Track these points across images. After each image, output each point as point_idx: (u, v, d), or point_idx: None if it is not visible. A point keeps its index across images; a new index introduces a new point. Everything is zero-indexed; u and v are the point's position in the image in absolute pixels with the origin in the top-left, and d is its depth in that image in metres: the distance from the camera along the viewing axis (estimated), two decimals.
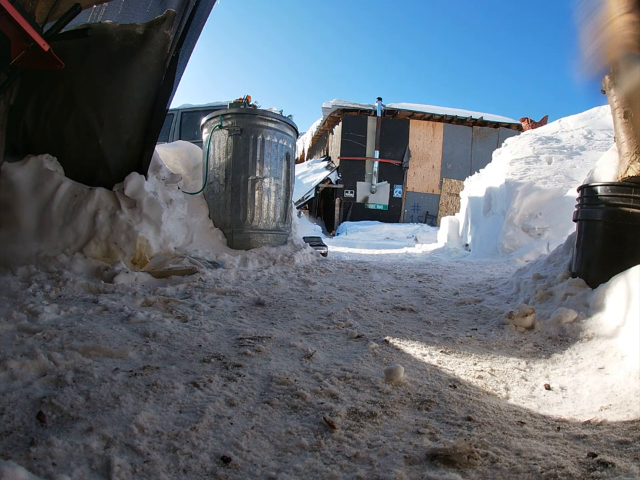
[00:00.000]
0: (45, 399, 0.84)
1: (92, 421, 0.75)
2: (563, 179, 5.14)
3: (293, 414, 0.86)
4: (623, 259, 1.69)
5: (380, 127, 13.55)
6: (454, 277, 3.60)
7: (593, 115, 6.65)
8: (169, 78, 2.72)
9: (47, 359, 1.07)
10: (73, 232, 2.71)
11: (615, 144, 1.99)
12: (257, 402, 0.91)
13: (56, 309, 1.72)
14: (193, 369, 1.08)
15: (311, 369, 1.15)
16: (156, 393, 0.90)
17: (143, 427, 0.73)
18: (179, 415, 0.80)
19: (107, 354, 1.19)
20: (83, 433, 0.71)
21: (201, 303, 2.02)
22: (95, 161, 2.73)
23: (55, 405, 0.81)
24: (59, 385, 0.94)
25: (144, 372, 1.03)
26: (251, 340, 1.44)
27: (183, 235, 3.42)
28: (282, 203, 3.94)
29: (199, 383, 0.97)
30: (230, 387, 0.97)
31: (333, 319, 1.91)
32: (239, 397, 0.92)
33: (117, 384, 0.93)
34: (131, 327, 1.51)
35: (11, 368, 1.04)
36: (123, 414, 0.78)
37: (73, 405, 0.81)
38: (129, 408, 0.81)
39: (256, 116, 3.61)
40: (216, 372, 1.06)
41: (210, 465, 0.64)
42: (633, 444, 0.81)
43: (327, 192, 14.33)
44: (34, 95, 2.52)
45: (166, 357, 1.18)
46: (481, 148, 13.84)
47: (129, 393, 0.88)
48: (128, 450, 0.66)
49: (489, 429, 0.87)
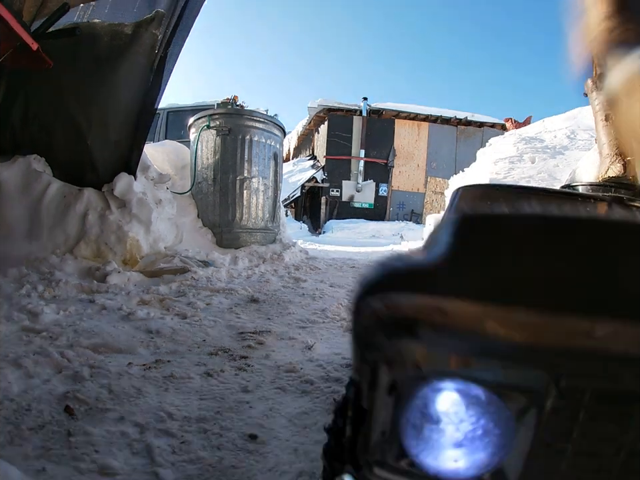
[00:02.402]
0: (69, 394, 0.89)
1: (121, 410, 0.81)
2: (547, 178, 5.35)
3: (304, 397, 0.95)
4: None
5: (365, 126, 13.71)
6: None
7: (576, 116, 6.86)
8: (157, 78, 2.72)
9: (60, 357, 1.11)
10: (63, 233, 2.68)
11: (597, 145, 2.14)
12: (270, 388, 0.99)
13: (55, 309, 1.74)
14: (203, 361, 1.15)
15: (314, 358, 1.24)
16: (174, 383, 0.96)
17: (171, 413, 0.80)
18: (201, 401, 0.88)
19: (116, 350, 1.23)
20: (116, 421, 0.77)
21: (196, 301, 2.07)
22: (84, 162, 2.71)
23: (81, 399, 0.87)
24: (78, 381, 0.98)
25: (157, 365, 1.09)
26: (252, 334, 1.52)
27: (172, 234, 3.43)
28: (270, 202, 3.99)
29: (212, 373, 1.04)
30: (242, 375, 1.04)
31: (328, 313, 2.00)
32: (252, 384, 1.00)
33: (134, 377, 0.99)
34: (133, 325, 1.55)
35: (26, 366, 1.07)
36: (149, 403, 0.84)
37: (99, 398, 0.87)
38: (153, 398, 0.87)
39: (244, 116, 3.65)
40: (225, 363, 1.13)
41: (240, 441, 0.72)
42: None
43: (312, 191, 14.39)
44: (21, 95, 2.48)
45: (174, 352, 1.24)
46: (466, 147, 14.19)
47: (149, 385, 0.94)
48: (162, 434, 0.73)
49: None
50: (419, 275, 0.27)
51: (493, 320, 0.23)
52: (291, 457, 0.71)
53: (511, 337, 0.23)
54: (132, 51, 2.58)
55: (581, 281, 0.24)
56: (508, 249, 0.27)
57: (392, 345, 0.26)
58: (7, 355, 1.13)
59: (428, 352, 0.26)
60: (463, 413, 0.27)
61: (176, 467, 0.66)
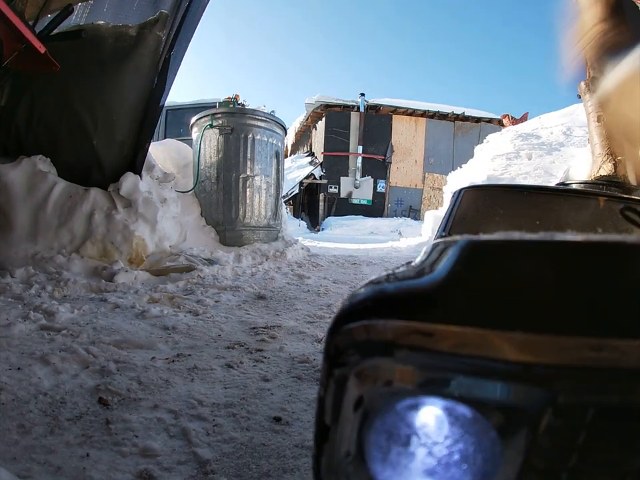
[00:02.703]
0: (101, 387, 0.95)
1: (154, 399, 0.87)
2: (543, 175, 5.42)
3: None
4: None
5: (363, 122, 13.74)
6: None
7: (572, 112, 6.91)
8: (162, 78, 2.76)
9: (85, 353, 1.17)
10: (69, 232, 2.72)
11: (589, 145, 2.20)
12: (287, 377, 1.06)
13: (69, 308, 1.79)
14: (221, 354, 1.21)
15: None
16: (198, 374, 1.03)
17: (201, 400, 0.87)
18: (226, 390, 0.94)
19: (138, 346, 1.29)
20: (151, 409, 0.83)
21: (205, 299, 2.13)
22: (89, 162, 2.75)
23: (113, 391, 0.93)
24: (106, 375, 1.04)
25: (179, 359, 1.15)
26: (264, 329, 1.58)
27: (177, 233, 3.48)
28: (272, 200, 4.04)
29: (232, 364, 1.11)
30: (260, 366, 1.11)
31: (333, 308, 2.07)
32: (271, 374, 1.07)
33: (160, 370, 1.05)
34: (149, 322, 1.61)
35: (54, 363, 1.12)
36: (178, 392, 0.91)
37: (130, 389, 0.93)
38: (181, 387, 0.94)
39: (246, 115, 3.69)
40: (243, 356, 1.19)
41: (266, 423, 0.79)
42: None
43: (310, 187, 14.42)
44: (26, 96, 2.51)
45: (193, 346, 1.30)
46: (463, 143, 14.24)
47: (175, 376, 1.00)
48: (195, 419, 0.80)
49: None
50: (404, 297, 0.26)
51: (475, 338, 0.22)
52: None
53: (504, 355, 0.21)
54: (136, 53, 2.61)
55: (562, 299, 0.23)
56: (496, 270, 0.27)
57: (365, 361, 0.24)
58: (33, 353, 1.18)
59: (402, 368, 0.24)
60: (438, 434, 0.24)
61: (211, 446, 0.73)
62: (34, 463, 0.70)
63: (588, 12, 1.84)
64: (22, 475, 0.68)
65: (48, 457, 0.72)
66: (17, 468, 0.69)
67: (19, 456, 0.72)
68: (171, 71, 2.78)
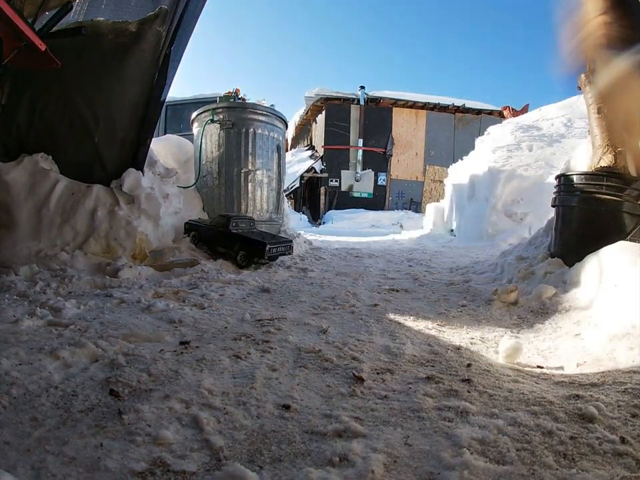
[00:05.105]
0: (111, 379, 0.97)
1: (165, 390, 0.88)
2: (544, 166, 5.41)
3: (326, 373, 1.04)
4: (596, 240, 1.91)
5: (363, 115, 13.66)
6: (442, 261, 3.85)
7: (573, 104, 6.87)
8: (162, 74, 2.74)
9: (94, 347, 1.18)
10: (72, 229, 2.73)
11: (590, 137, 2.19)
12: (294, 366, 1.08)
13: (75, 304, 1.80)
14: (229, 345, 1.23)
15: (330, 341, 1.33)
16: (207, 365, 1.04)
17: (211, 390, 0.88)
18: (234, 380, 0.96)
19: (145, 339, 1.31)
20: (162, 399, 0.85)
21: (209, 292, 2.14)
22: (91, 159, 2.75)
23: (124, 382, 0.94)
24: (115, 367, 1.06)
25: (187, 351, 1.17)
26: (269, 321, 1.59)
27: (179, 228, 3.49)
28: (274, 194, 4.04)
29: (240, 355, 1.12)
30: (267, 357, 1.13)
31: (337, 300, 2.08)
32: (278, 364, 1.08)
33: (169, 361, 1.06)
34: (155, 316, 1.63)
35: (63, 357, 1.14)
36: (188, 383, 0.92)
37: (140, 380, 0.95)
38: (191, 378, 0.95)
39: (247, 109, 3.67)
40: (250, 347, 1.21)
41: (275, 411, 0.81)
42: (602, 385, 1.03)
43: (311, 181, 14.38)
44: (27, 94, 2.50)
45: (200, 339, 1.32)
46: (464, 135, 14.17)
47: (184, 367, 1.02)
48: (206, 408, 0.82)
49: (485, 377, 1.07)
50: None
51: None
52: (323, 421, 0.80)
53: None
54: (137, 49, 2.60)
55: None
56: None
57: None
58: (42, 348, 1.20)
59: None
60: None
61: (223, 434, 0.74)
62: (48, 454, 0.71)
63: (589, 3, 1.82)
64: (36, 466, 0.68)
65: (62, 447, 0.73)
66: (31, 459, 0.70)
67: (33, 448, 0.73)
68: (172, 66, 2.76)
